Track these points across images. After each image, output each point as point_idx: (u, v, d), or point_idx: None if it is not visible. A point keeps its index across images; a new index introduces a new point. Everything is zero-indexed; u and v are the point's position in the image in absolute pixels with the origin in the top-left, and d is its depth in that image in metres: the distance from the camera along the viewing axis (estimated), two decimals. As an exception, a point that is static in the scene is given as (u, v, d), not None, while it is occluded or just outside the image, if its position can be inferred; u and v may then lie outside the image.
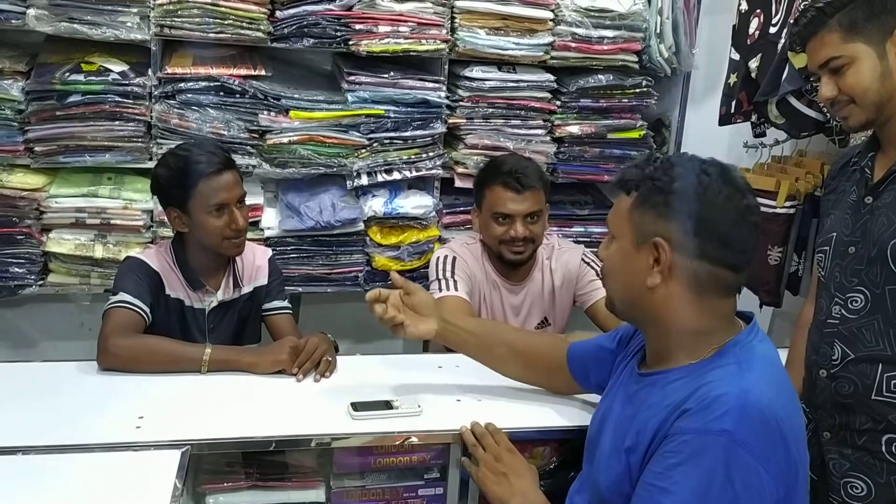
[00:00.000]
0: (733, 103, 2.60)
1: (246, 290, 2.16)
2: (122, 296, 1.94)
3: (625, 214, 1.29)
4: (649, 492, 1.19)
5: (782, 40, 2.32)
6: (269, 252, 2.28)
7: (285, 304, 2.24)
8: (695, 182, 1.22)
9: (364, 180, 2.76)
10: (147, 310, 1.96)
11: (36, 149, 2.50)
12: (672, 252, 1.23)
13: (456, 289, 2.28)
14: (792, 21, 2.21)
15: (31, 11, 2.38)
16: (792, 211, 2.40)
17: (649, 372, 1.33)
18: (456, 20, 2.71)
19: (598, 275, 2.38)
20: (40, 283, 2.61)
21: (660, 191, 1.24)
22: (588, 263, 2.42)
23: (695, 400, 1.18)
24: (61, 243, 2.57)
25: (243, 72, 2.60)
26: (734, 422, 1.14)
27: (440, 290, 2.29)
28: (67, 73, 2.45)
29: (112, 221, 2.58)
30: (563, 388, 1.76)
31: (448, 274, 2.31)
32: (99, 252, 2.58)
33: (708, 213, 1.21)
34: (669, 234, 1.23)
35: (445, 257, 2.37)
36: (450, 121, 2.81)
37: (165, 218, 2.54)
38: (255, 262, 2.20)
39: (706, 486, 1.13)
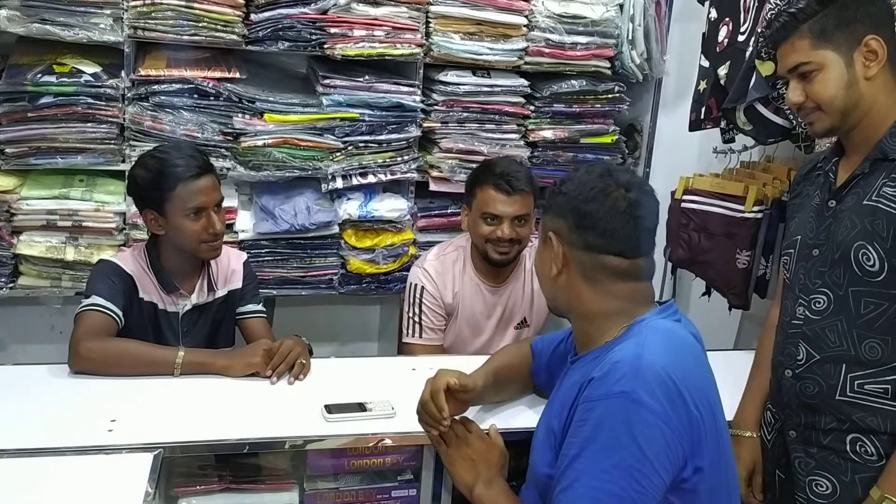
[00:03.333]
0: (703, 109, 2.64)
1: (220, 293, 2.16)
2: (95, 299, 1.93)
3: (541, 220, 1.45)
4: (564, 461, 1.26)
5: (750, 48, 2.36)
6: (244, 256, 2.28)
7: (259, 307, 2.23)
8: (576, 182, 1.37)
9: (339, 183, 2.77)
10: (120, 313, 1.95)
11: (7, 150, 2.47)
12: (561, 244, 1.36)
13: (420, 336, 2.40)
14: (763, 27, 2.25)
15: (3, 12, 2.35)
16: (759, 215, 2.44)
17: (575, 358, 1.43)
18: (431, 25, 2.73)
19: None
20: (10, 285, 2.58)
21: (553, 193, 1.41)
22: None
23: (597, 370, 1.27)
24: (32, 245, 2.55)
25: (218, 74, 2.59)
26: (631, 383, 1.21)
27: (406, 332, 2.42)
28: (39, 75, 2.43)
29: (84, 224, 2.56)
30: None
31: (416, 312, 2.41)
32: (70, 254, 2.56)
33: (583, 207, 1.34)
34: (559, 228, 1.37)
35: (414, 287, 2.44)
36: (424, 125, 2.82)
37: (139, 220, 2.55)
38: (230, 266, 2.19)
39: (612, 446, 1.20)
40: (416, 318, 2.41)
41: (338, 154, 2.74)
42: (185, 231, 1.98)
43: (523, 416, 1.76)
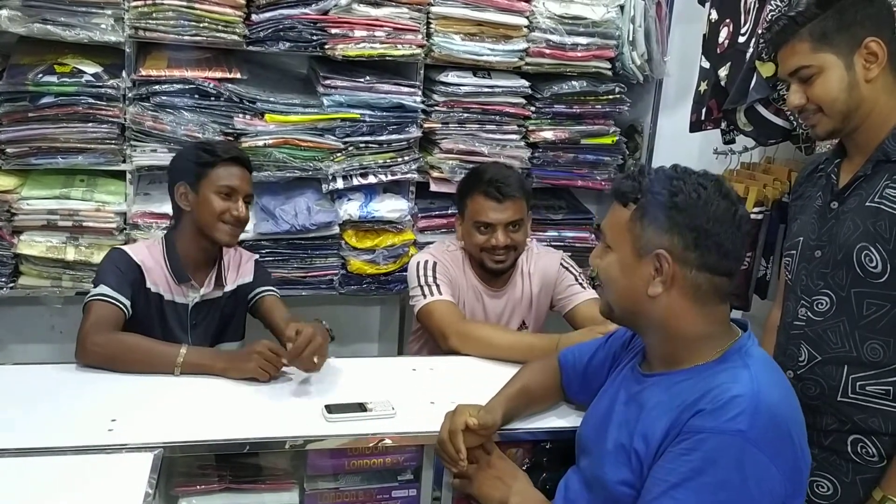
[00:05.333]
0: (703, 110, 2.64)
1: (229, 287, 2.17)
2: (103, 288, 1.94)
3: (623, 226, 1.32)
4: (660, 486, 1.22)
5: (751, 49, 2.36)
6: (256, 256, 2.29)
7: (272, 288, 2.24)
8: (694, 196, 1.27)
9: (339, 184, 2.77)
10: (127, 303, 1.96)
11: (8, 150, 2.47)
12: (674, 263, 1.27)
13: (440, 293, 2.26)
14: (763, 29, 2.25)
15: (4, 12, 2.35)
16: (760, 217, 2.44)
17: (653, 373, 1.37)
18: (432, 25, 2.73)
19: (577, 280, 2.39)
20: (11, 285, 2.58)
21: (660, 205, 1.28)
22: (567, 269, 2.42)
23: (709, 400, 1.22)
24: (33, 245, 2.55)
25: (218, 74, 2.59)
26: (748, 422, 1.18)
27: (425, 296, 2.27)
28: (40, 75, 2.43)
29: (84, 223, 2.56)
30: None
31: (431, 279, 2.30)
32: (71, 254, 2.55)
33: (707, 226, 1.26)
34: (671, 246, 1.27)
35: (426, 262, 2.34)
36: (425, 125, 2.82)
37: (140, 220, 2.56)
38: (241, 264, 2.22)
39: (721, 483, 1.17)
40: (432, 280, 2.29)
41: (338, 154, 2.74)
42: (212, 205, 2.03)
43: (537, 417, 1.76)
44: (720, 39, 2.56)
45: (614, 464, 1.35)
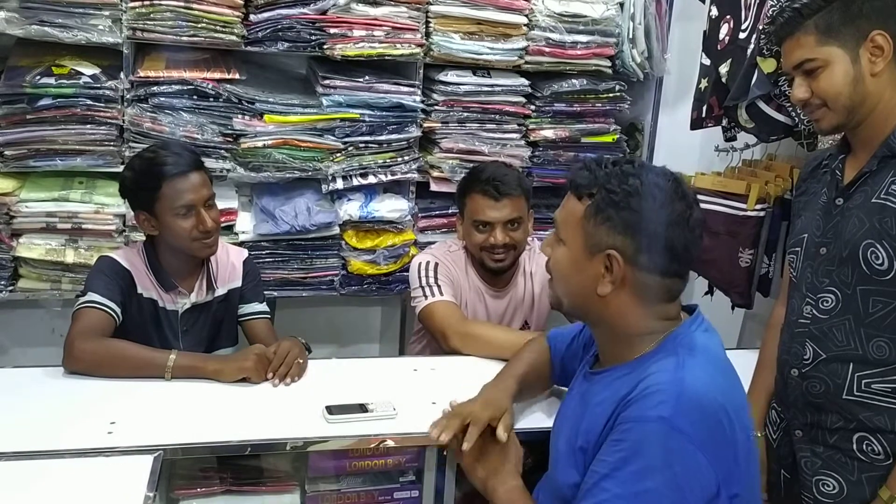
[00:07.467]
0: (704, 108, 2.63)
1: (220, 292, 2.14)
2: (91, 296, 1.92)
3: (576, 221, 1.28)
4: (592, 478, 1.23)
5: (751, 46, 2.35)
6: (245, 253, 2.26)
7: (261, 307, 2.21)
8: (650, 197, 1.23)
9: (339, 184, 2.76)
10: (117, 309, 1.94)
11: (6, 153, 2.46)
12: (625, 264, 1.25)
13: (442, 293, 2.26)
14: (765, 24, 2.24)
15: (1, 14, 2.35)
16: (762, 214, 2.43)
17: (598, 370, 1.37)
18: (431, 24, 2.72)
19: None
20: (10, 288, 2.57)
21: (615, 203, 1.24)
22: None
23: (637, 391, 1.22)
24: (32, 248, 2.54)
25: (217, 75, 2.59)
26: (670, 409, 1.17)
27: (426, 297, 2.26)
28: (38, 77, 2.42)
29: (83, 226, 2.55)
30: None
31: (432, 280, 2.29)
32: (70, 257, 2.55)
33: (661, 229, 1.24)
34: (624, 247, 1.24)
35: (427, 263, 2.34)
36: (425, 125, 2.81)
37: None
38: (230, 264, 2.18)
39: (645, 471, 1.17)
40: (433, 280, 2.28)
41: (338, 155, 2.73)
42: (177, 230, 1.97)
43: (538, 415, 1.76)
44: (721, 36, 2.55)
45: (565, 466, 1.35)
